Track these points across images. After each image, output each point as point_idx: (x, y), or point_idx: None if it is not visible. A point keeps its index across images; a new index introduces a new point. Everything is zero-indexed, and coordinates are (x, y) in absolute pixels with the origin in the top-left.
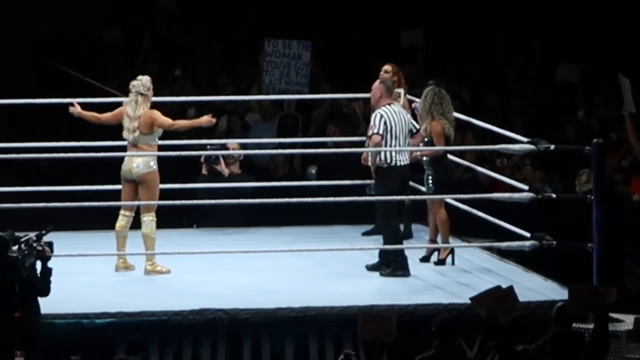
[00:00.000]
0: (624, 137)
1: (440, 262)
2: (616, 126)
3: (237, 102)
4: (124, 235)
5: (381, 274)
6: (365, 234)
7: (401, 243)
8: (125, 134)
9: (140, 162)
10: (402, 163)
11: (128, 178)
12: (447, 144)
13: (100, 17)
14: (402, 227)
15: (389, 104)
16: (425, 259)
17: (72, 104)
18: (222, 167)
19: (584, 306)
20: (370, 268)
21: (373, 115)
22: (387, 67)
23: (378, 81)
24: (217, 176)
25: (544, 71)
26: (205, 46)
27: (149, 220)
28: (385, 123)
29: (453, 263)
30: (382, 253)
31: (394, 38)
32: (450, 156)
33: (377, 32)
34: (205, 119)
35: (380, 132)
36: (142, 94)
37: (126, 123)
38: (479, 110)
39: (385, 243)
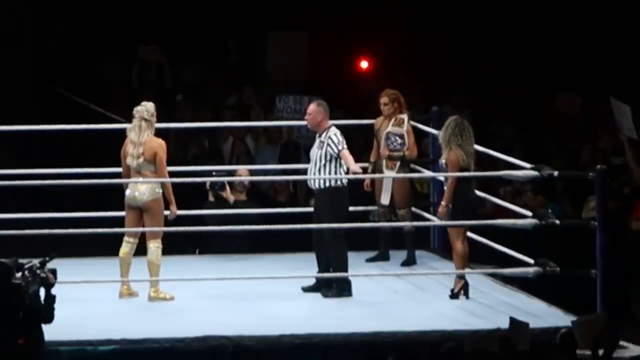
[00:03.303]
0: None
1: (454, 295)
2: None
3: (241, 127)
4: (127, 262)
5: (325, 295)
6: (369, 260)
7: (347, 265)
8: (129, 159)
9: (145, 189)
10: (346, 184)
11: (132, 205)
12: (462, 176)
13: (104, 45)
14: (405, 253)
15: (332, 126)
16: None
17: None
18: (228, 194)
19: (588, 336)
20: (307, 289)
21: (331, 134)
22: (384, 99)
23: (316, 104)
24: (224, 203)
25: (545, 98)
26: (209, 71)
27: (154, 247)
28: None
29: (467, 297)
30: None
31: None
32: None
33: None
34: (173, 213)
35: (345, 146)
36: (146, 120)
37: (130, 149)
38: (481, 137)
39: (334, 267)
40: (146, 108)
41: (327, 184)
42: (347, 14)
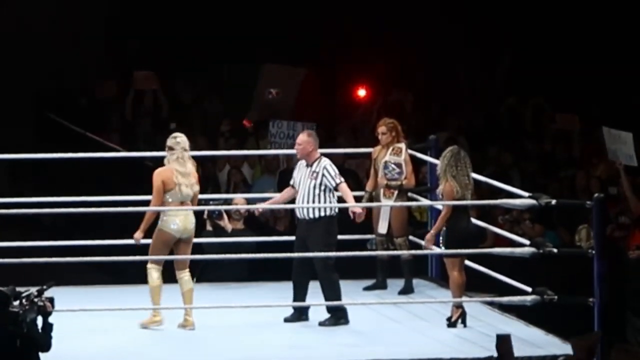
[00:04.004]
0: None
1: (451, 324)
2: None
3: (237, 156)
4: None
5: (321, 324)
6: (367, 288)
7: (340, 293)
8: (184, 189)
9: (193, 220)
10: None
11: (180, 237)
12: (458, 207)
13: (99, 72)
14: (403, 281)
15: (322, 156)
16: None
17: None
18: (225, 222)
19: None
20: (290, 320)
21: (326, 165)
22: (381, 128)
23: (306, 134)
24: (221, 232)
25: (543, 124)
26: (205, 100)
27: (188, 276)
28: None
29: (465, 325)
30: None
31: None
32: (475, 220)
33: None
34: None
35: (343, 179)
36: (186, 150)
37: (182, 179)
38: (478, 164)
39: (328, 296)
40: (184, 139)
41: (322, 214)
42: (342, 46)
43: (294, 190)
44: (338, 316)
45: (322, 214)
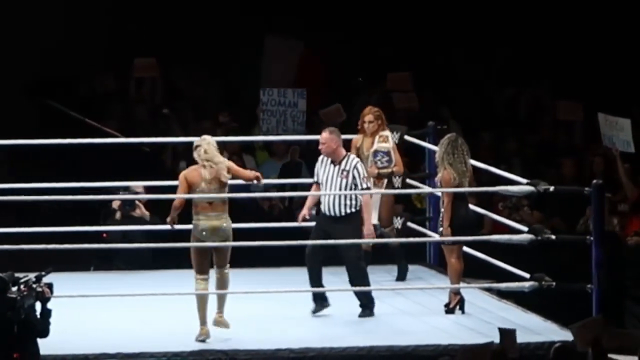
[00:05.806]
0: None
1: (450, 310)
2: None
3: (236, 142)
4: None
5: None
6: None
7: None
8: None
9: None
10: None
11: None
12: (456, 194)
13: (98, 58)
14: (391, 268)
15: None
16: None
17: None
18: (143, 211)
19: (587, 340)
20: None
21: (357, 165)
22: (368, 117)
23: (328, 131)
24: (130, 219)
25: (543, 108)
26: (203, 86)
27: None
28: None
29: (463, 312)
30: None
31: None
32: (472, 206)
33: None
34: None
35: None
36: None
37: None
38: (474, 150)
39: (358, 284)
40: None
41: (350, 211)
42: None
43: (318, 187)
44: (371, 308)
45: (350, 210)
